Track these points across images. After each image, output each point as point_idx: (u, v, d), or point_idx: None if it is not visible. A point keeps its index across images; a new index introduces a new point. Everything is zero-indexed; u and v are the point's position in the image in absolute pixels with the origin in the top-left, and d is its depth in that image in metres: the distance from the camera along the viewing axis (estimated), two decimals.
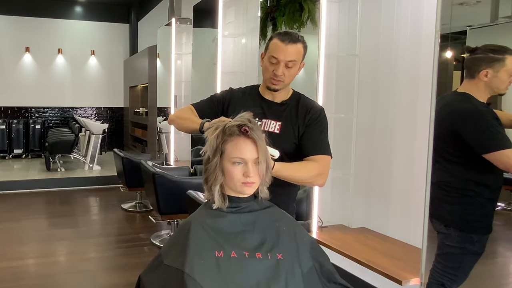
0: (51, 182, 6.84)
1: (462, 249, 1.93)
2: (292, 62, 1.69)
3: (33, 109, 9.74)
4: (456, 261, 1.97)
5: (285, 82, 1.73)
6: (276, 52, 1.68)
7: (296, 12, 3.41)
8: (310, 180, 1.75)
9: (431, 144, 2.00)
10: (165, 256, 1.32)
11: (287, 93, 1.82)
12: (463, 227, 1.92)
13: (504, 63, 1.83)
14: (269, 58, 1.71)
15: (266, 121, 1.79)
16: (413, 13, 2.55)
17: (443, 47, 2.06)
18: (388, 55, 2.69)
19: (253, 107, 1.66)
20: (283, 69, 1.69)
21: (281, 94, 1.80)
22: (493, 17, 2.30)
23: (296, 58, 1.69)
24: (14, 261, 3.84)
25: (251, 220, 1.35)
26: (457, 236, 1.93)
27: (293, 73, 1.73)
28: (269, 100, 1.81)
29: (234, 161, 1.31)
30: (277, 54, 1.68)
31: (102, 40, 10.01)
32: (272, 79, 1.72)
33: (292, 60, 1.69)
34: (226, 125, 1.34)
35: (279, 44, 1.68)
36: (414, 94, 2.52)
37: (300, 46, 1.71)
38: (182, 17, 5.67)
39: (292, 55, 1.68)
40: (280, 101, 1.80)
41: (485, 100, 1.91)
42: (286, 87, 1.77)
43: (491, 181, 1.90)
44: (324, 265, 1.39)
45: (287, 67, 1.69)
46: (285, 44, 1.67)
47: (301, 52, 1.72)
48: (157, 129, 6.81)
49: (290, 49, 1.68)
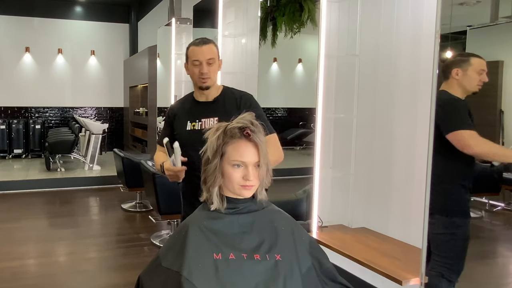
0: (51, 182, 6.84)
1: (450, 235, 2.15)
2: (211, 60, 1.97)
3: (33, 109, 9.74)
4: (448, 249, 2.17)
5: (212, 78, 1.99)
6: (196, 55, 1.97)
7: (296, 12, 3.41)
8: (277, 161, 1.94)
9: (431, 144, 2.00)
10: (163, 258, 1.31)
11: (217, 90, 2.05)
12: (445, 212, 2.16)
13: (470, 63, 2.16)
14: (192, 63, 1.99)
15: (205, 120, 2.02)
16: (413, 13, 2.55)
17: (443, 47, 2.07)
18: (388, 55, 2.69)
19: (189, 112, 1.99)
20: (206, 67, 1.96)
21: (212, 92, 2.03)
22: (493, 17, 2.30)
23: (213, 56, 1.98)
24: (14, 261, 3.84)
25: (249, 221, 1.35)
26: (442, 223, 2.15)
27: (215, 69, 2.00)
28: (203, 101, 2.05)
29: (234, 163, 1.30)
30: (197, 56, 1.97)
31: (102, 40, 10.01)
32: (201, 78, 1.97)
33: (210, 58, 1.97)
34: (228, 127, 1.32)
35: (196, 48, 1.98)
36: (414, 94, 2.52)
37: (212, 46, 2.01)
38: (182, 17, 5.67)
39: (209, 53, 1.97)
40: (212, 99, 2.04)
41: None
42: (214, 83, 2.02)
43: (464, 169, 2.18)
44: (324, 264, 1.39)
45: (208, 65, 1.97)
46: (200, 46, 1.97)
47: (215, 50, 2.01)
48: (157, 129, 6.80)
49: (206, 49, 1.97)
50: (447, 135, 2.07)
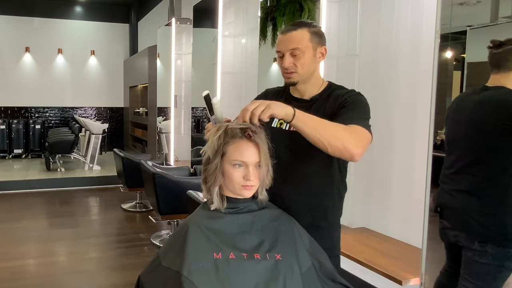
0: (51, 182, 6.84)
1: (499, 267, 1.75)
2: (297, 50, 1.55)
3: (33, 109, 9.74)
4: (492, 280, 1.77)
5: (300, 73, 1.58)
6: (278, 45, 1.60)
7: (296, 12, 3.41)
8: (343, 140, 1.35)
9: (431, 144, 2.00)
10: (163, 257, 1.31)
11: (317, 87, 1.66)
12: (501, 242, 1.73)
13: None
14: (277, 55, 1.62)
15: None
16: (413, 13, 2.55)
17: (443, 47, 2.07)
18: (388, 55, 2.69)
19: None
20: (290, 59, 1.57)
21: (310, 89, 1.65)
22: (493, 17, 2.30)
23: (299, 45, 1.55)
24: (14, 261, 3.83)
25: (249, 221, 1.35)
26: (493, 253, 1.73)
27: (305, 61, 1.57)
28: (298, 98, 1.66)
29: (235, 163, 1.30)
30: (279, 47, 1.59)
31: (102, 40, 10.01)
32: (284, 73, 1.61)
33: (295, 48, 1.55)
34: (228, 127, 1.32)
35: (280, 37, 1.60)
36: (414, 94, 2.52)
37: (303, 31, 1.56)
38: (182, 17, 5.67)
39: (293, 42, 1.55)
40: (309, 97, 1.65)
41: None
42: (305, 78, 1.61)
43: None
44: (324, 264, 1.39)
45: (293, 56, 1.56)
46: (284, 34, 1.58)
47: (306, 36, 1.56)
48: (157, 129, 6.80)
49: (289, 37, 1.56)
50: None
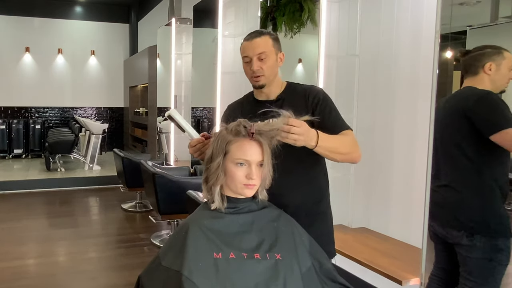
0: (51, 182, 6.84)
1: (491, 261, 1.79)
2: (263, 54, 1.68)
3: (33, 109, 9.74)
4: (489, 275, 1.81)
5: (266, 75, 1.70)
6: (245, 51, 1.71)
7: (296, 12, 3.41)
8: (350, 155, 1.67)
9: (431, 144, 2.00)
10: (163, 257, 1.31)
11: (280, 87, 1.77)
12: (487, 232, 1.79)
13: (503, 56, 1.89)
14: (243, 60, 1.73)
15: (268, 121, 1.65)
16: (413, 13, 2.55)
17: (443, 47, 2.06)
18: (388, 55, 2.69)
19: (250, 112, 1.67)
20: (257, 63, 1.68)
21: (273, 90, 1.76)
22: (493, 17, 2.30)
23: (265, 49, 1.68)
24: (14, 261, 3.83)
25: (249, 220, 1.35)
26: (482, 246, 1.79)
27: (270, 65, 1.70)
28: (264, 100, 1.76)
29: (238, 162, 1.31)
30: (246, 52, 1.70)
31: (102, 40, 10.01)
32: (253, 77, 1.71)
33: (261, 52, 1.68)
34: (231, 126, 1.35)
35: (245, 43, 1.72)
36: (414, 94, 2.52)
37: (266, 38, 1.70)
38: (182, 17, 5.67)
39: (259, 47, 1.68)
40: (275, 97, 1.76)
41: None
42: (270, 81, 1.73)
43: (501, 176, 1.85)
44: (324, 264, 1.39)
45: (260, 60, 1.68)
46: (250, 40, 1.70)
47: (270, 42, 1.70)
48: (157, 129, 6.81)
49: (255, 43, 1.69)
50: (492, 136, 1.75)
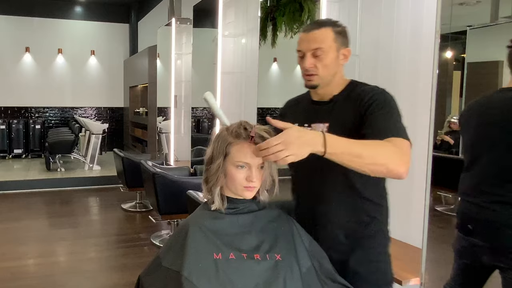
0: (51, 182, 6.84)
1: None
2: (319, 50, 1.44)
3: (33, 109, 9.74)
4: None
5: (321, 75, 1.47)
6: (299, 44, 1.48)
7: (296, 12, 3.41)
8: (386, 165, 1.25)
9: (431, 144, 2.00)
10: (163, 258, 1.31)
11: (339, 87, 1.53)
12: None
13: None
14: (298, 54, 1.50)
15: (314, 125, 1.51)
16: (413, 13, 2.55)
17: (443, 47, 2.07)
18: (388, 55, 2.69)
19: (302, 113, 1.54)
20: (311, 60, 1.45)
21: (330, 90, 1.52)
22: (493, 17, 2.30)
23: (321, 44, 1.44)
24: (14, 261, 3.84)
25: (249, 221, 1.35)
26: None
27: (327, 63, 1.46)
28: (318, 101, 1.56)
29: (238, 164, 1.30)
30: (300, 46, 1.48)
31: (102, 40, 10.01)
32: (305, 75, 1.50)
33: (317, 48, 1.44)
34: (231, 128, 1.33)
35: (302, 35, 1.48)
36: (414, 94, 2.52)
37: (327, 30, 1.45)
38: (182, 17, 5.67)
39: (315, 41, 1.44)
40: (329, 98, 1.53)
41: None
42: (327, 81, 1.50)
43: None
44: (324, 264, 1.39)
45: (315, 57, 1.45)
46: (307, 33, 1.47)
47: (330, 36, 1.45)
48: (157, 129, 6.80)
49: (312, 36, 1.45)
50: None
